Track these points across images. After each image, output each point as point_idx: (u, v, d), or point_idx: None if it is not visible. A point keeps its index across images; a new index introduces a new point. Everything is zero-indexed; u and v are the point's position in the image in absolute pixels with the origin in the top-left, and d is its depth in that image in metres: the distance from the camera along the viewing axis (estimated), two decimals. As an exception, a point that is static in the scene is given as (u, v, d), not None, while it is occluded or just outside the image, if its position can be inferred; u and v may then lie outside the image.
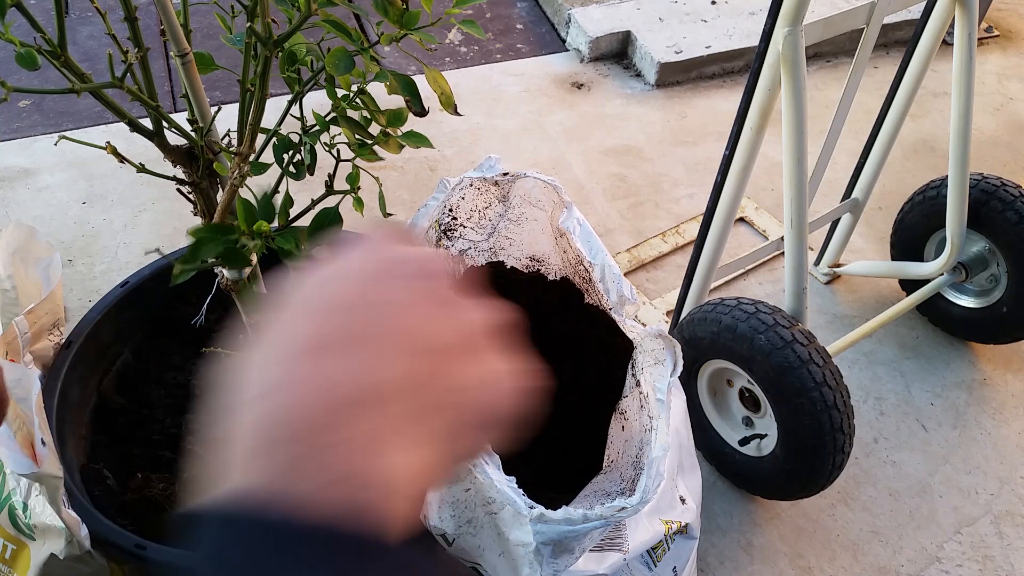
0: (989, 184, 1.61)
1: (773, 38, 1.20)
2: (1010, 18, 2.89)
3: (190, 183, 0.97)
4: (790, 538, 1.48)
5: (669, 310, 1.82)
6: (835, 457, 1.28)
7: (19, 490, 0.97)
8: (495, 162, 1.13)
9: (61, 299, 1.19)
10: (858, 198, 1.75)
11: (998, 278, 1.69)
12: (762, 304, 1.33)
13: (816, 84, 2.54)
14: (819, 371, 1.25)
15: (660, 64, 2.41)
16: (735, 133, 1.34)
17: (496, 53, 2.58)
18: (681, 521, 1.02)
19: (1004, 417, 1.70)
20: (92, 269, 1.85)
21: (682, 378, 1.47)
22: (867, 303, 1.90)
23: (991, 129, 2.43)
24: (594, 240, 1.04)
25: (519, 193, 1.21)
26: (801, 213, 1.32)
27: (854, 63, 1.47)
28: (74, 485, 1.01)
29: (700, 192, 2.13)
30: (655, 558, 1.01)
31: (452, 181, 1.11)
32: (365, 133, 0.89)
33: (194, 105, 0.94)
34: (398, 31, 0.78)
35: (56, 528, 0.93)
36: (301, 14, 0.74)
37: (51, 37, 0.75)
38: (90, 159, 2.08)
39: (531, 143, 2.25)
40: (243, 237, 0.85)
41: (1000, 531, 1.52)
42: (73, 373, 1.17)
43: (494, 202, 1.24)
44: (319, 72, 0.85)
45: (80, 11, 2.58)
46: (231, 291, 1.03)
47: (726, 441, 1.48)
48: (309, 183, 1.08)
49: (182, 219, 1.95)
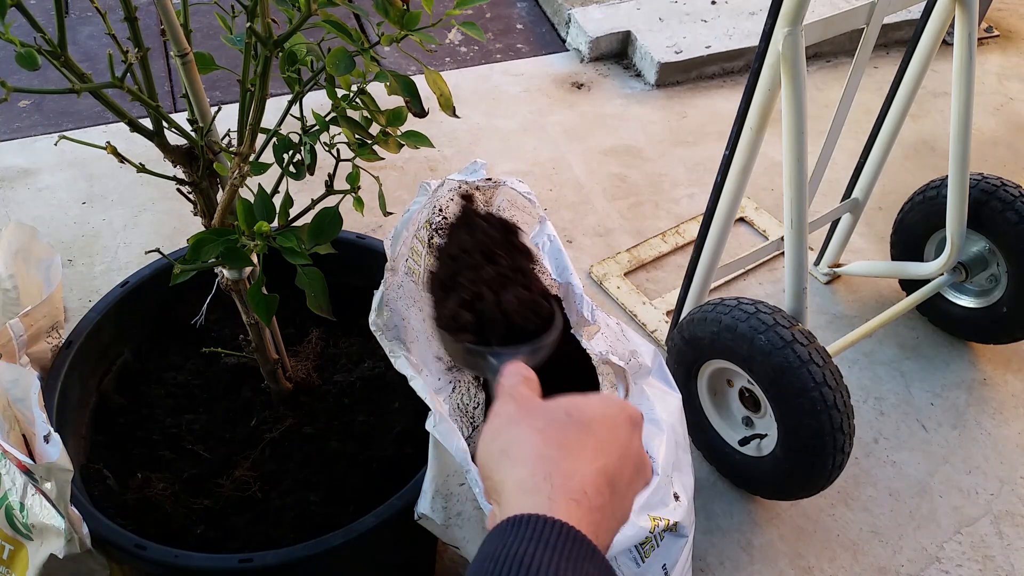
0: (989, 184, 1.61)
1: (773, 38, 1.20)
2: (1010, 18, 2.89)
3: (190, 183, 0.97)
4: (790, 538, 1.48)
5: (669, 310, 1.82)
6: (835, 457, 1.28)
7: (16, 490, 0.97)
8: (479, 167, 1.13)
9: (60, 301, 1.19)
10: (858, 198, 1.75)
11: (998, 278, 1.69)
12: (762, 304, 1.33)
13: (816, 84, 2.54)
14: (819, 371, 1.25)
15: (660, 64, 2.41)
16: (735, 133, 1.34)
17: (496, 53, 2.58)
18: (670, 519, 1.02)
19: (1004, 417, 1.70)
20: (92, 269, 1.85)
21: (682, 378, 1.48)
22: (867, 303, 1.90)
23: (991, 129, 2.43)
24: (562, 257, 1.04)
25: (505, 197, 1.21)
26: (801, 213, 1.32)
27: (854, 63, 1.47)
28: (74, 485, 1.01)
29: (700, 192, 2.13)
30: (643, 554, 1.01)
31: (433, 184, 1.11)
32: (365, 133, 0.89)
33: (194, 105, 0.94)
34: (398, 32, 0.78)
35: (54, 528, 0.93)
36: (301, 14, 0.74)
37: (51, 37, 0.75)
38: (90, 159, 2.08)
39: (531, 143, 2.25)
40: (243, 237, 0.85)
41: (1000, 531, 1.52)
42: (73, 373, 1.17)
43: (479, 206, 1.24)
44: (319, 72, 0.85)
45: (80, 11, 2.58)
46: (231, 291, 1.04)
47: (726, 441, 1.48)
48: (309, 183, 1.08)
49: (182, 219, 1.95)
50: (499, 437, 0.53)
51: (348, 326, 1.32)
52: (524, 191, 1.13)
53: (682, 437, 1.17)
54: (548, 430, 0.52)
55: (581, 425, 0.52)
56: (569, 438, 0.51)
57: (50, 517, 0.94)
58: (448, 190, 1.19)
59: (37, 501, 0.95)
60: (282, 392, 1.22)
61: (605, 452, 0.51)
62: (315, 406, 1.23)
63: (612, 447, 0.52)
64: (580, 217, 2.05)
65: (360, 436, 1.20)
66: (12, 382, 1.00)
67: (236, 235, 0.86)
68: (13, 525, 0.98)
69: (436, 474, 0.99)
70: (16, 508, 0.97)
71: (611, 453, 0.51)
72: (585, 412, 0.53)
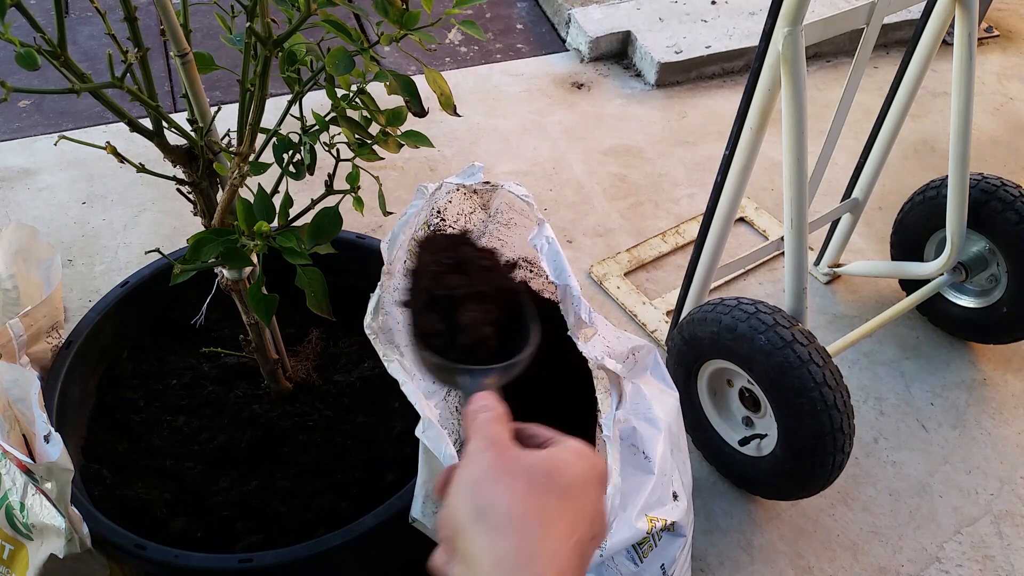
0: (989, 184, 1.61)
1: (773, 38, 1.20)
2: (1010, 18, 2.89)
3: (190, 183, 0.97)
4: (790, 538, 1.48)
5: (669, 310, 1.82)
6: (835, 457, 1.28)
7: (16, 490, 0.97)
8: (477, 170, 1.13)
9: (60, 302, 1.19)
10: (858, 198, 1.75)
11: (998, 278, 1.69)
12: (762, 304, 1.33)
13: (816, 84, 2.54)
14: (819, 371, 1.25)
15: (660, 64, 2.41)
16: (735, 133, 1.34)
17: (496, 53, 2.58)
18: (668, 519, 1.02)
19: (1004, 417, 1.70)
20: (92, 269, 1.85)
21: (682, 378, 1.48)
22: (867, 303, 1.90)
23: (991, 129, 2.43)
24: (560, 260, 1.04)
25: (503, 200, 1.22)
26: (801, 213, 1.32)
27: (854, 63, 1.47)
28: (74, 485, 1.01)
29: (700, 192, 2.13)
30: (640, 554, 1.01)
31: (431, 187, 1.11)
32: (365, 133, 0.89)
33: (194, 105, 0.94)
34: (398, 31, 0.78)
35: (54, 527, 0.93)
36: (301, 14, 0.74)
37: (51, 37, 0.75)
38: (90, 159, 2.08)
39: (531, 143, 2.25)
40: (243, 237, 0.85)
41: (1000, 531, 1.52)
42: (73, 373, 1.17)
43: (478, 208, 1.24)
44: (319, 72, 0.85)
45: (80, 11, 2.58)
46: (231, 291, 1.04)
47: (726, 441, 1.48)
48: (309, 183, 1.08)
49: (182, 219, 1.95)
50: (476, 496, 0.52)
51: (348, 326, 1.32)
52: (522, 194, 1.13)
53: (679, 436, 1.17)
54: (530, 498, 0.51)
55: (561, 491, 0.52)
56: (550, 508, 0.51)
57: (50, 517, 0.94)
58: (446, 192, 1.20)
59: (37, 501, 0.95)
60: (282, 392, 1.22)
61: (579, 524, 0.52)
62: (315, 406, 1.23)
63: (584, 516, 0.52)
64: (580, 217, 2.05)
65: (360, 436, 1.20)
66: (12, 382, 1.00)
67: (236, 235, 0.86)
68: (13, 525, 0.98)
69: (427, 479, 0.99)
70: (16, 508, 0.97)
71: (584, 522, 0.52)
72: (565, 475, 0.53)
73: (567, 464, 0.54)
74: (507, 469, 0.53)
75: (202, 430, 1.21)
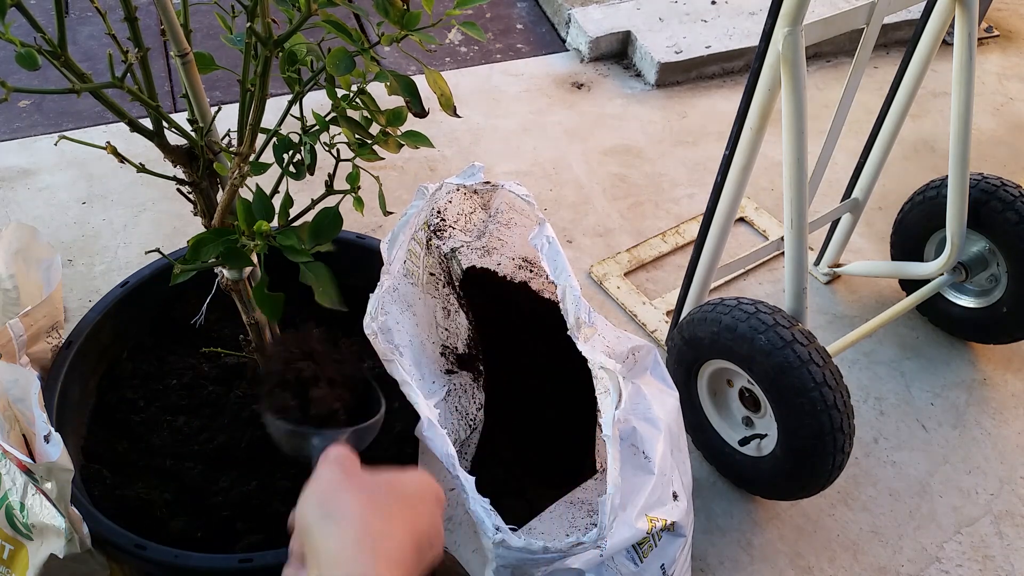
0: (989, 184, 1.61)
1: (773, 38, 1.20)
2: (1010, 18, 2.89)
3: (190, 183, 0.97)
4: (790, 538, 1.48)
5: (669, 310, 1.82)
6: (835, 457, 1.28)
7: (16, 490, 0.97)
8: (477, 170, 1.13)
9: (60, 302, 1.19)
10: (858, 198, 1.75)
11: (998, 278, 1.69)
12: (762, 304, 1.33)
13: (816, 84, 2.54)
14: (819, 371, 1.25)
15: (660, 64, 2.41)
16: (735, 133, 1.34)
17: (496, 53, 2.58)
18: (667, 519, 1.02)
19: (1004, 417, 1.70)
20: (92, 269, 1.85)
21: (682, 378, 1.48)
22: (867, 303, 1.90)
23: (991, 129, 2.43)
24: (560, 259, 1.05)
25: (504, 200, 1.22)
26: (801, 213, 1.32)
27: (854, 63, 1.48)
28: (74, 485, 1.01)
29: (700, 192, 2.13)
30: (641, 554, 1.02)
31: (431, 187, 1.11)
32: (365, 133, 0.89)
33: (194, 105, 0.94)
34: (398, 32, 0.78)
35: (55, 527, 0.93)
36: (301, 14, 0.74)
37: (51, 37, 0.75)
38: (90, 159, 2.08)
39: (531, 143, 2.25)
40: (243, 237, 0.85)
41: (1000, 531, 1.52)
42: (73, 373, 1.17)
43: (478, 208, 1.24)
44: (319, 72, 0.85)
45: (80, 11, 2.58)
46: (231, 291, 1.03)
47: (726, 441, 1.48)
48: (309, 183, 1.08)
49: (182, 219, 1.95)
50: (324, 502, 0.58)
51: (348, 326, 1.32)
52: (522, 194, 1.13)
53: (679, 436, 1.17)
54: (372, 500, 0.58)
55: (400, 497, 0.60)
56: (391, 507, 0.58)
57: (50, 517, 0.94)
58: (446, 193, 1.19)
59: (37, 501, 0.95)
60: (282, 392, 1.22)
61: (417, 523, 0.59)
62: (315, 406, 1.23)
63: (422, 519, 0.60)
64: (580, 217, 2.05)
65: (360, 436, 1.20)
66: (12, 382, 1.00)
67: (236, 235, 0.86)
68: (13, 525, 0.98)
69: None
70: (16, 508, 0.97)
71: (421, 524, 0.59)
72: (405, 486, 0.62)
73: (407, 478, 0.63)
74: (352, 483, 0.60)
75: (202, 430, 1.21)
